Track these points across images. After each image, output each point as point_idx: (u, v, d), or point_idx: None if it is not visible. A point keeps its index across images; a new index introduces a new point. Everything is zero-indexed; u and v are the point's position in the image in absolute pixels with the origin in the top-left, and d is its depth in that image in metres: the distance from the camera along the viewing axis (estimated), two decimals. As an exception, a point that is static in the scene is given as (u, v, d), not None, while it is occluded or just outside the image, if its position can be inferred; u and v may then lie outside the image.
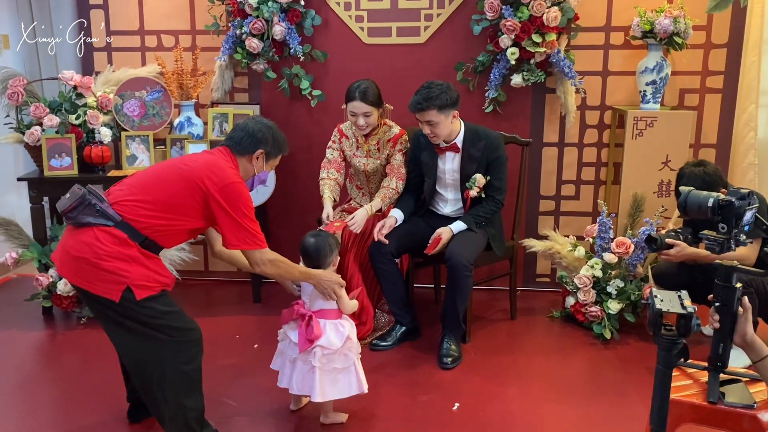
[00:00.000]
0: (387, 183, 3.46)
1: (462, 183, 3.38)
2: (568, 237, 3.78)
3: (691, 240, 3.04)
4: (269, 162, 2.58)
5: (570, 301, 3.63)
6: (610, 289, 3.47)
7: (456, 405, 2.86)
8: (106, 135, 3.77)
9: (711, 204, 1.75)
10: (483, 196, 3.36)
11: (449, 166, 3.40)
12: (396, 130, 3.51)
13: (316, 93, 4.00)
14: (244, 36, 3.86)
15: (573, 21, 3.71)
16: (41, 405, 2.90)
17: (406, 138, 3.51)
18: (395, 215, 3.38)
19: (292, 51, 3.88)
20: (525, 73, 3.74)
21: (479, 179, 3.32)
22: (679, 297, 1.74)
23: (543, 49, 3.65)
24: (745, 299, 1.78)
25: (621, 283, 3.46)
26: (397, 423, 2.74)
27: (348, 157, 3.58)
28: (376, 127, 3.48)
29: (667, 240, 3.01)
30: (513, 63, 3.70)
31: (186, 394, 2.36)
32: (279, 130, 2.60)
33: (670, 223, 3.48)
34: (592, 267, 3.49)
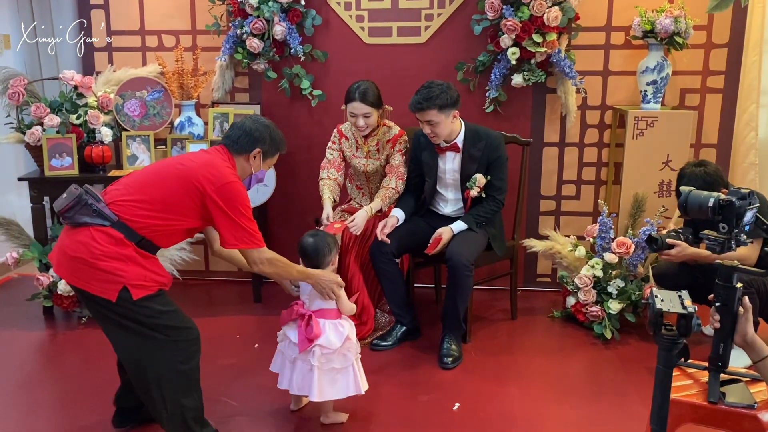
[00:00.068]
0: (387, 183, 3.46)
1: (462, 183, 3.38)
2: (568, 237, 3.78)
3: (692, 240, 3.04)
4: (267, 161, 2.57)
5: (570, 301, 3.62)
6: (610, 289, 3.47)
7: (456, 405, 2.86)
8: (106, 135, 3.78)
9: (711, 204, 1.75)
10: (483, 196, 3.35)
11: (450, 165, 3.40)
12: (395, 130, 3.50)
13: (316, 93, 4.00)
14: (244, 36, 3.86)
15: (573, 21, 3.71)
16: (42, 405, 2.90)
17: (405, 138, 3.51)
18: (396, 215, 3.38)
19: (292, 51, 3.88)
20: (525, 73, 3.74)
21: (480, 179, 3.32)
22: (680, 297, 1.74)
23: (543, 49, 3.64)
24: (746, 299, 1.78)
25: (621, 283, 3.46)
26: (398, 423, 2.74)
27: (348, 158, 3.58)
28: (375, 128, 3.48)
29: (668, 240, 3.02)
30: (513, 63, 3.70)
31: (184, 393, 2.36)
32: (276, 128, 2.59)
33: (670, 223, 3.48)
34: (592, 267, 3.49)
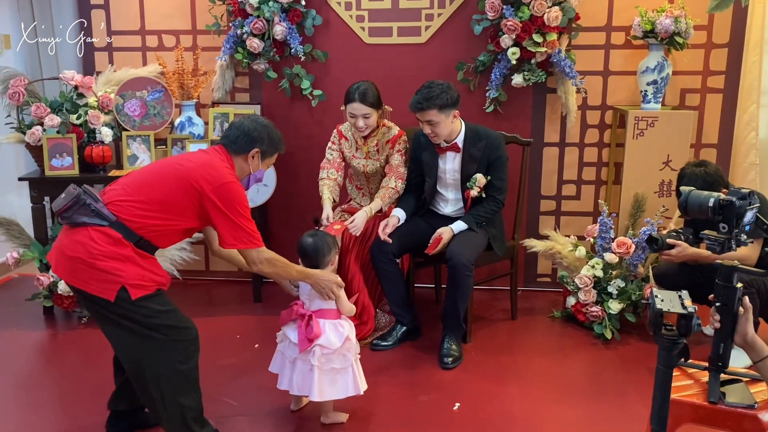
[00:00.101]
0: (386, 183, 3.46)
1: (462, 183, 3.38)
2: (568, 237, 3.78)
3: (693, 240, 3.04)
4: (265, 161, 2.56)
5: (571, 301, 3.62)
6: (610, 289, 3.47)
7: (456, 405, 2.86)
8: (107, 135, 3.78)
9: (712, 204, 1.75)
10: (483, 196, 3.35)
11: (450, 165, 3.40)
12: (395, 131, 3.50)
13: (316, 93, 4.00)
14: (245, 36, 3.86)
15: (574, 21, 3.71)
16: (42, 404, 2.90)
17: (405, 138, 3.50)
18: (398, 214, 3.38)
19: (292, 51, 3.88)
20: (526, 73, 3.74)
21: (480, 179, 3.32)
22: (680, 297, 1.74)
23: (544, 49, 3.64)
24: (746, 299, 1.77)
25: (622, 283, 3.46)
26: (398, 423, 2.74)
27: (347, 159, 3.58)
28: (375, 129, 3.47)
29: (669, 240, 3.02)
30: (514, 63, 3.70)
31: (183, 393, 2.36)
32: (275, 128, 2.58)
33: (671, 223, 3.48)
34: (592, 267, 3.49)
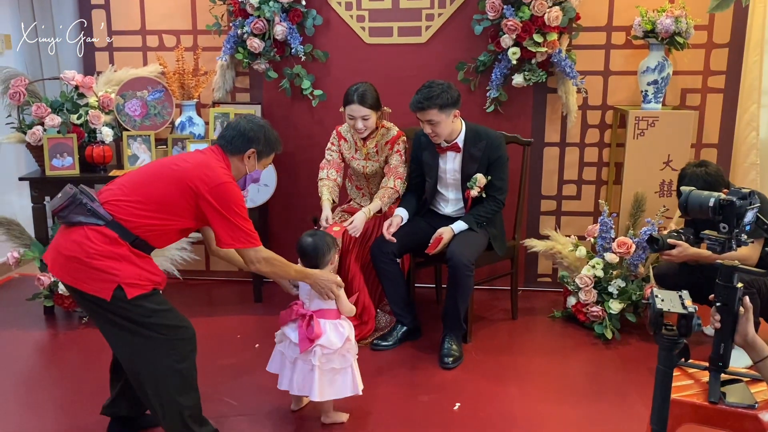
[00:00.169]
0: (385, 183, 3.46)
1: (463, 183, 3.38)
2: (569, 237, 3.78)
3: (693, 240, 3.04)
4: (261, 161, 2.56)
5: (571, 301, 3.62)
6: (611, 289, 3.46)
7: (457, 405, 2.86)
8: (107, 135, 3.78)
9: (712, 204, 1.75)
10: (484, 195, 3.35)
11: (450, 165, 3.40)
12: (394, 131, 3.50)
13: (317, 93, 4.00)
14: (245, 36, 3.86)
15: (574, 21, 3.71)
16: (42, 404, 2.90)
17: (404, 139, 3.50)
18: (401, 214, 3.38)
19: (293, 51, 3.88)
20: (526, 73, 3.74)
21: (480, 179, 3.31)
22: (680, 297, 1.74)
23: (544, 49, 3.64)
24: (746, 299, 1.77)
25: (622, 283, 3.46)
26: (398, 423, 2.74)
27: (347, 160, 3.57)
28: (374, 130, 3.47)
29: (669, 240, 3.01)
30: (514, 63, 3.70)
31: (180, 392, 2.36)
32: (271, 128, 2.58)
33: (671, 223, 3.47)
34: (593, 267, 3.49)
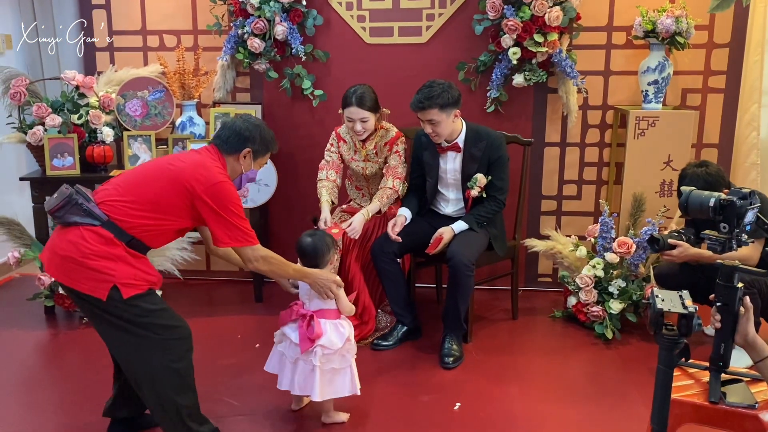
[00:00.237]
0: (384, 183, 3.46)
1: (463, 183, 3.38)
2: (569, 237, 3.78)
3: (694, 240, 3.03)
4: (257, 160, 2.56)
5: (572, 301, 3.62)
6: (611, 289, 3.46)
7: (457, 405, 2.86)
8: (108, 135, 3.78)
9: (712, 204, 1.74)
10: (484, 195, 3.35)
11: (451, 165, 3.40)
12: (393, 132, 3.49)
13: (317, 93, 4.00)
14: (246, 36, 3.86)
15: (575, 21, 3.71)
16: (43, 404, 2.91)
17: (403, 139, 3.50)
18: (404, 213, 3.38)
19: (293, 51, 3.88)
20: (527, 73, 3.74)
21: (480, 179, 3.31)
22: (680, 297, 1.74)
23: (545, 49, 3.64)
24: (747, 299, 1.77)
25: (623, 283, 3.46)
26: (398, 423, 2.74)
27: (346, 161, 3.57)
28: (373, 132, 3.46)
29: (670, 240, 3.01)
30: (515, 63, 3.70)
31: (177, 391, 2.36)
32: (267, 128, 2.58)
33: (672, 224, 3.47)
34: (593, 267, 3.49)
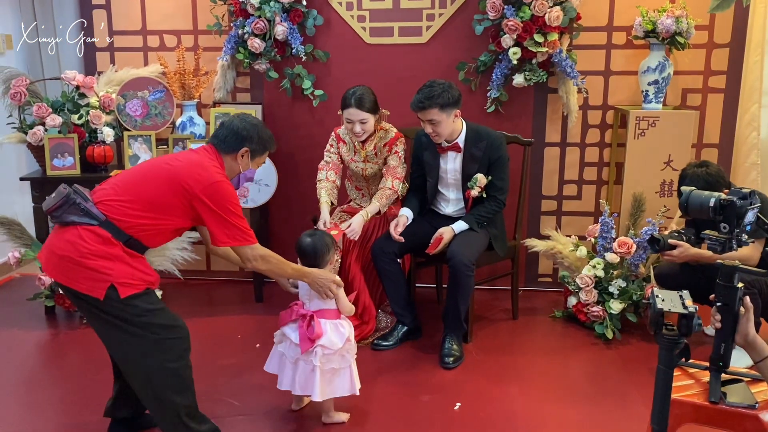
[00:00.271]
0: (383, 183, 3.46)
1: (463, 183, 3.38)
2: (570, 237, 3.78)
3: (695, 240, 3.03)
4: (255, 160, 2.56)
5: (572, 301, 3.62)
6: (612, 289, 3.46)
7: (457, 405, 2.86)
8: (108, 135, 3.78)
9: (712, 204, 1.74)
10: (484, 195, 3.35)
11: (451, 165, 3.40)
12: (392, 133, 3.49)
13: (318, 93, 4.00)
14: (246, 36, 3.86)
15: (575, 21, 3.71)
16: (43, 404, 2.91)
17: (402, 140, 3.50)
18: (406, 214, 3.38)
19: (294, 51, 3.88)
20: (527, 73, 3.74)
21: (480, 179, 3.31)
22: (681, 297, 1.74)
23: (545, 49, 3.64)
24: (747, 299, 1.77)
25: (623, 283, 3.46)
26: (399, 423, 2.74)
27: (346, 162, 3.57)
28: (372, 133, 3.46)
29: (670, 241, 3.00)
30: (515, 63, 3.70)
31: (175, 391, 2.36)
32: (264, 127, 2.58)
33: (672, 224, 3.47)
34: (594, 267, 3.49)
